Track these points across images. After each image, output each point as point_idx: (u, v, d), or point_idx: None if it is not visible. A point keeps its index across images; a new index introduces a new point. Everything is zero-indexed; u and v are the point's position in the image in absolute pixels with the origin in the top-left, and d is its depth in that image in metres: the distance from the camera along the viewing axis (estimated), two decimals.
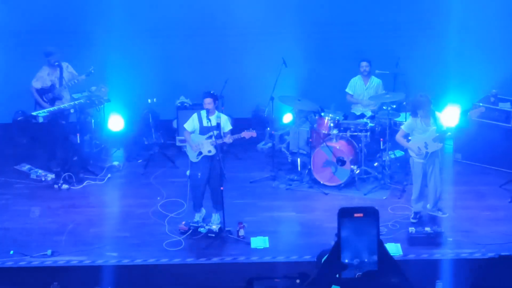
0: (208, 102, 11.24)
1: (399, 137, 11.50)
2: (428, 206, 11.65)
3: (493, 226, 11.46)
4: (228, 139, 11.28)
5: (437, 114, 11.38)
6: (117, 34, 14.40)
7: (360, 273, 3.70)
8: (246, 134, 11.40)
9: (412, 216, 11.62)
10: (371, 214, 3.70)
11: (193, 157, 11.43)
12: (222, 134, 11.32)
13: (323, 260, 3.79)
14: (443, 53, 14.33)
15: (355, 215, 3.68)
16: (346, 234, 3.68)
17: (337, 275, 3.71)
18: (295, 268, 10.13)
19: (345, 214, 3.69)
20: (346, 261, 3.70)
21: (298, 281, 4.12)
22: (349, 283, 3.69)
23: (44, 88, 13.02)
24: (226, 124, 11.40)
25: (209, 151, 11.29)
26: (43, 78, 13.02)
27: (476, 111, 11.63)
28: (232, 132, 11.42)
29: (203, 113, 11.31)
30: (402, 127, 11.51)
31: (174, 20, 14.51)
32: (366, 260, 3.69)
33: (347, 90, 13.68)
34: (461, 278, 10.16)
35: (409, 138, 11.40)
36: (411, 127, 11.34)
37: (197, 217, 11.55)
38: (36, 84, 13.01)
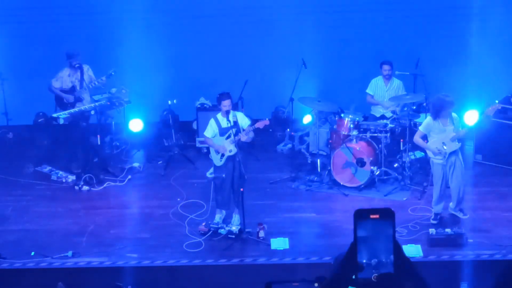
0: (229, 104, 11.23)
1: (417, 138, 11.42)
2: (451, 204, 11.56)
3: None
4: (243, 136, 11.23)
5: (453, 113, 11.28)
6: (137, 35, 14.46)
7: (377, 274, 3.69)
8: (260, 124, 11.35)
9: (433, 217, 11.55)
10: (387, 215, 3.70)
11: (217, 161, 11.41)
12: (242, 130, 11.30)
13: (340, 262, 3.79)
14: (463, 54, 14.27)
15: (371, 216, 3.68)
16: (363, 235, 3.68)
17: (354, 276, 3.70)
18: (315, 270, 10.09)
19: (361, 215, 3.69)
20: (364, 261, 3.70)
21: (316, 284, 4.10)
22: (365, 285, 3.68)
23: (65, 89, 13.09)
24: (244, 120, 11.39)
25: (230, 151, 11.28)
26: (63, 78, 13.08)
27: (492, 108, 11.54)
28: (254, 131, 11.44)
29: (219, 116, 11.31)
30: (420, 128, 11.43)
31: (194, 22, 14.54)
32: (383, 259, 3.69)
33: (367, 90, 13.63)
34: (482, 280, 10.09)
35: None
36: (428, 127, 11.25)
37: (217, 218, 11.55)
38: (56, 83, 13.07)
